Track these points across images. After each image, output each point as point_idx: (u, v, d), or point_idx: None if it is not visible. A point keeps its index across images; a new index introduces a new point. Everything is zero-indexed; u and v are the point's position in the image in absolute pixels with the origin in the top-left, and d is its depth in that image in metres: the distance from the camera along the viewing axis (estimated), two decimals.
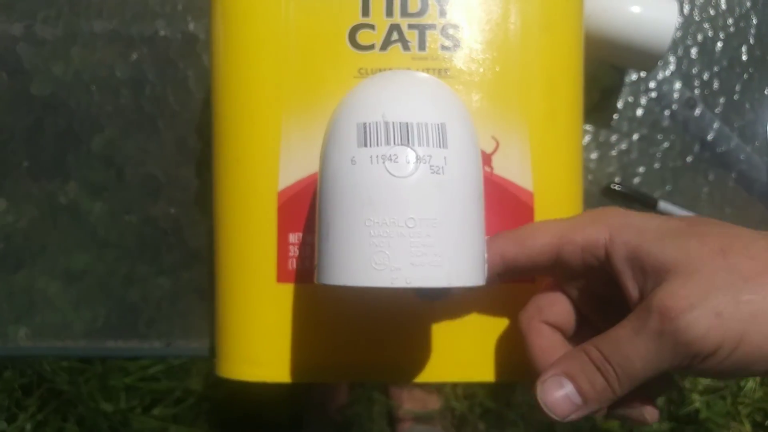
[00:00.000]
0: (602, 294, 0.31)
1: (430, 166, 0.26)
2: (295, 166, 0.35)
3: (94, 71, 0.52)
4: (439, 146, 0.26)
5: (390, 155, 0.26)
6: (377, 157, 0.26)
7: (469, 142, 0.28)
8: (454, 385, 1.16)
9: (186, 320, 0.51)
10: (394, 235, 0.25)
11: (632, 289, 0.27)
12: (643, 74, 0.53)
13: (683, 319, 0.24)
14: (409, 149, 0.26)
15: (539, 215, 0.35)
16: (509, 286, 0.35)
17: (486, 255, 0.30)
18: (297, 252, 0.35)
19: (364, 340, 0.36)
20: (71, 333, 0.51)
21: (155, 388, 1.09)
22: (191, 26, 0.53)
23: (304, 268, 0.35)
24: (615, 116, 0.53)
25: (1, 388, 1.06)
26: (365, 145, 0.26)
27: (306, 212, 0.35)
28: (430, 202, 0.26)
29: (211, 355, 0.51)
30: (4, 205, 0.52)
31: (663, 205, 0.51)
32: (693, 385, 1.15)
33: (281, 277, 0.35)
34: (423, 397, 1.11)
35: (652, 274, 0.26)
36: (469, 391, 1.16)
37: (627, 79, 0.53)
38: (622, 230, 0.28)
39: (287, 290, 0.35)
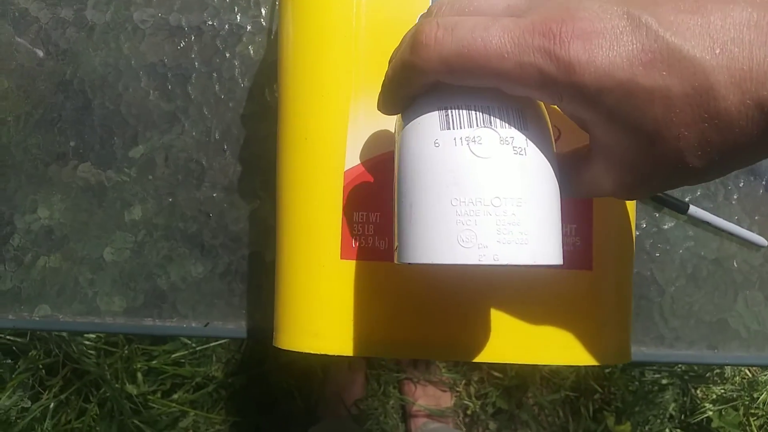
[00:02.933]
0: None
1: (513, 147, 0.27)
2: (361, 148, 0.36)
3: (142, 58, 0.54)
4: (521, 128, 0.27)
5: (474, 137, 0.27)
6: (461, 139, 0.27)
7: (545, 125, 0.29)
8: (467, 384, 1.17)
9: (224, 302, 0.52)
10: (481, 214, 0.26)
11: None
12: None
13: None
14: (492, 131, 0.27)
15: (597, 203, 0.37)
16: (570, 273, 0.37)
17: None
18: (361, 230, 0.36)
19: (422, 317, 0.37)
20: (110, 311, 0.52)
21: (177, 372, 1.10)
22: (238, 17, 0.54)
23: (367, 246, 0.36)
24: None
25: (26, 367, 1.08)
26: (448, 128, 0.27)
27: (370, 192, 0.36)
28: (515, 182, 0.27)
29: (249, 336, 0.52)
30: (50, 186, 0.53)
31: (693, 209, 0.52)
32: (706, 395, 1.16)
33: (345, 254, 0.36)
34: (436, 394, 1.12)
35: None
36: (482, 391, 1.17)
37: None
38: None
39: (350, 267, 0.37)
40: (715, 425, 1.12)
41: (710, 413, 1.12)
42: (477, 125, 0.27)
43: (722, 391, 1.14)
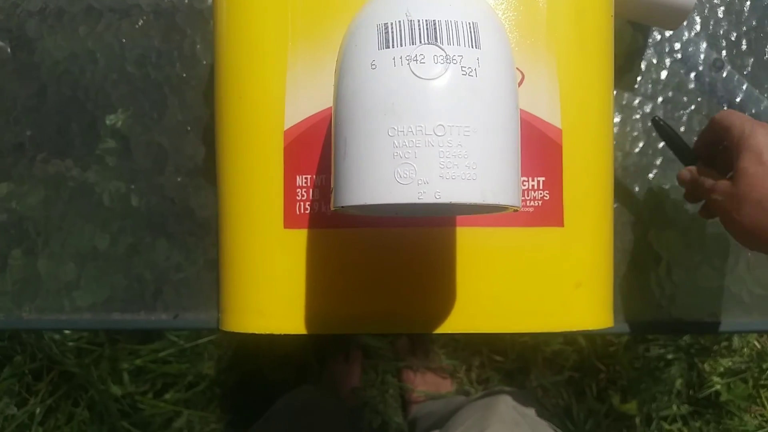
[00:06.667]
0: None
1: (462, 67, 0.23)
2: (302, 103, 0.32)
3: (99, 39, 0.51)
4: (471, 46, 0.24)
5: (415, 55, 0.23)
6: (401, 58, 0.23)
7: (504, 44, 0.25)
8: (468, 370, 1.14)
9: (194, 291, 0.49)
10: (422, 145, 0.23)
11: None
12: (667, 34, 0.51)
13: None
14: (437, 48, 0.23)
15: (568, 154, 0.33)
16: (539, 230, 0.34)
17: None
18: (306, 195, 0.33)
19: (378, 288, 0.34)
20: (77, 306, 0.49)
21: (167, 371, 1.08)
22: None
23: (314, 213, 0.33)
24: (638, 79, 0.51)
25: (11, 373, 1.06)
26: (387, 47, 0.24)
27: (315, 152, 0.33)
28: (462, 107, 0.23)
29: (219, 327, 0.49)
30: (8, 178, 0.50)
31: None
32: (713, 368, 1.13)
33: (289, 223, 0.33)
34: (436, 381, 1.10)
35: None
36: (483, 376, 1.14)
37: (650, 40, 0.51)
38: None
39: (296, 236, 0.33)
40: (723, 399, 1.09)
41: (718, 387, 1.09)
42: (420, 41, 0.23)
43: (730, 363, 1.11)
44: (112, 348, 1.06)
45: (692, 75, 0.51)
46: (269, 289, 0.34)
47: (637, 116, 0.50)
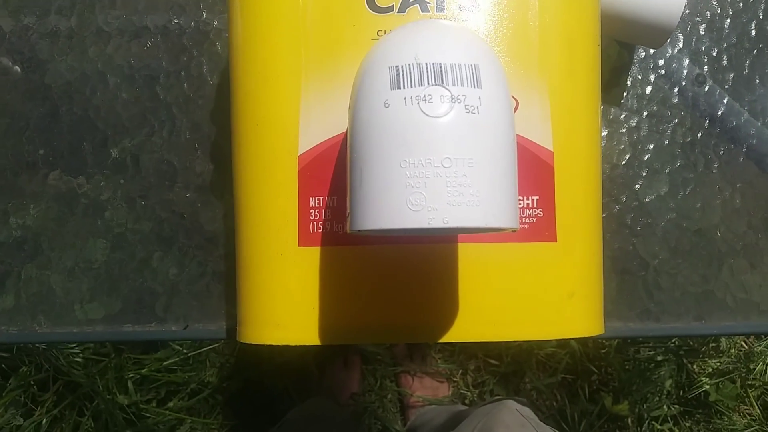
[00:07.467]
0: None
1: (465, 105, 0.26)
2: (315, 130, 0.35)
3: (109, 60, 0.53)
4: (474, 86, 0.26)
5: (424, 96, 0.26)
6: (411, 98, 0.26)
7: (502, 84, 0.28)
8: (464, 374, 1.16)
9: (203, 303, 0.51)
10: (431, 176, 0.25)
11: None
12: (651, 51, 0.53)
13: None
14: (443, 89, 0.26)
15: (560, 174, 0.36)
16: (534, 246, 0.36)
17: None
18: (318, 215, 0.35)
19: (387, 301, 0.36)
20: (89, 319, 0.51)
21: (171, 379, 1.09)
22: (204, 14, 0.53)
23: (326, 232, 0.36)
24: (624, 94, 0.53)
25: (17, 384, 1.07)
26: (398, 87, 0.26)
27: (326, 175, 0.35)
28: (466, 142, 0.26)
29: (229, 336, 0.51)
30: (22, 196, 0.52)
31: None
32: (702, 369, 1.16)
33: (303, 241, 0.36)
34: (434, 386, 1.12)
35: None
36: (479, 379, 1.16)
37: (635, 57, 0.53)
38: None
39: (309, 254, 0.36)
40: (712, 398, 1.12)
41: (707, 387, 1.12)
42: (428, 83, 0.26)
43: (718, 364, 1.14)
44: (117, 358, 1.08)
45: (676, 90, 0.53)
46: (285, 303, 0.36)
47: (624, 130, 0.53)
